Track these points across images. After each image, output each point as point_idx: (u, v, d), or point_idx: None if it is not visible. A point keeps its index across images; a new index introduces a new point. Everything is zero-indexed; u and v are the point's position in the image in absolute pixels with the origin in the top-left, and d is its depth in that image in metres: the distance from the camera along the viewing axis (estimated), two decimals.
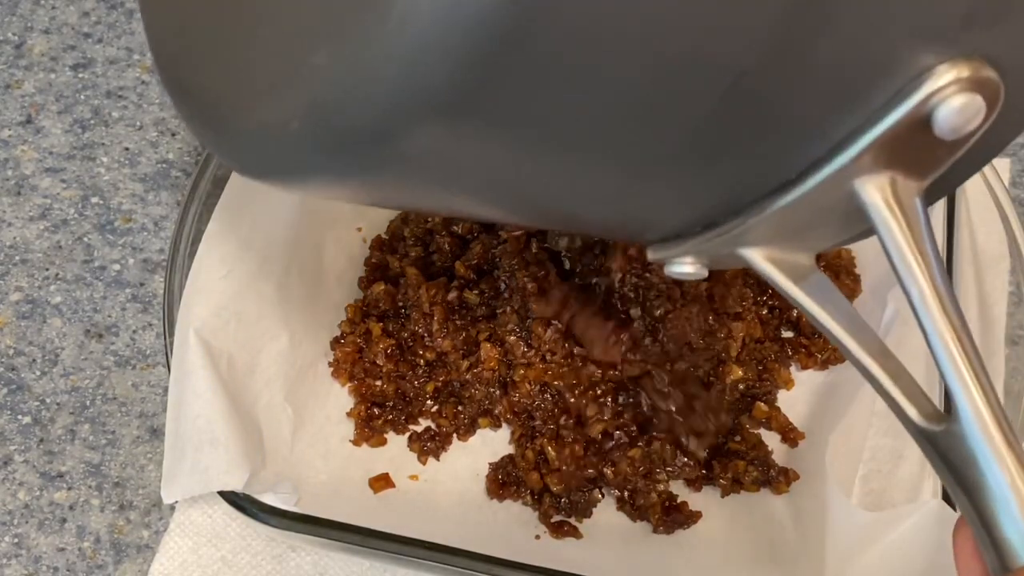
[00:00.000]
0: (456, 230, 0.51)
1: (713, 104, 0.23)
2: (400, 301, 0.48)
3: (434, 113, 0.21)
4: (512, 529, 0.45)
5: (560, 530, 0.44)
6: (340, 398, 0.48)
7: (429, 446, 0.47)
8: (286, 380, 0.45)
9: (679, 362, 0.46)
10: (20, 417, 0.49)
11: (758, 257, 0.28)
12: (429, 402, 0.48)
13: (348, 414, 0.47)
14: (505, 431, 0.48)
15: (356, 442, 0.47)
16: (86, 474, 0.47)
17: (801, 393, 0.49)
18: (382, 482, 0.45)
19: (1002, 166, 0.55)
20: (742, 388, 0.48)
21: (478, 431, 0.48)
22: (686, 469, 0.45)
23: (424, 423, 0.48)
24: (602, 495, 0.46)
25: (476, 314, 0.48)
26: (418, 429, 0.47)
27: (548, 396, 0.46)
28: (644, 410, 0.46)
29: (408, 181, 0.25)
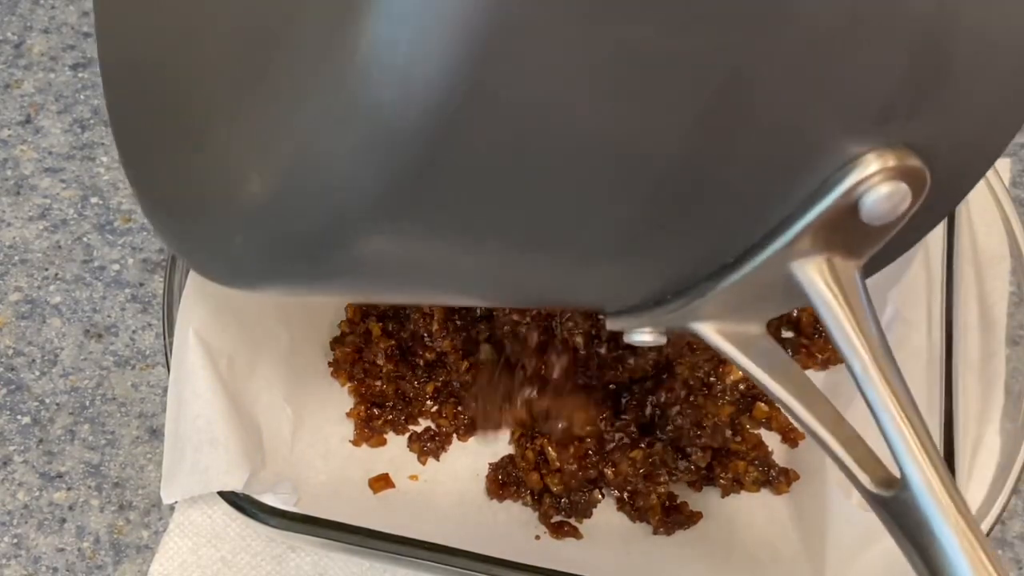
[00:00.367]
0: None
1: (641, 202, 0.23)
2: None
3: (371, 219, 0.22)
4: (512, 529, 0.45)
5: (560, 530, 0.44)
6: (340, 398, 0.48)
7: (429, 446, 0.47)
8: (286, 380, 0.45)
9: (679, 363, 0.46)
10: (19, 417, 0.49)
11: (709, 331, 0.28)
12: (429, 402, 0.48)
13: (348, 414, 0.47)
14: (505, 431, 0.48)
15: (356, 442, 0.47)
16: (85, 474, 0.47)
17: None
18: (382, 482, 0.45)
19: (1002, 166, 0.54)
20: (742, 388, 0.48)
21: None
22: (687, 473, 0.45)
23: (424, 423, 0.48)
24: (602, 495, 0.46)
25: (476, 314, 0.48)
26: (418, 429, 0.47)
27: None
28: (646, 413, 0.46)
29: (365, 283, 0.25)
